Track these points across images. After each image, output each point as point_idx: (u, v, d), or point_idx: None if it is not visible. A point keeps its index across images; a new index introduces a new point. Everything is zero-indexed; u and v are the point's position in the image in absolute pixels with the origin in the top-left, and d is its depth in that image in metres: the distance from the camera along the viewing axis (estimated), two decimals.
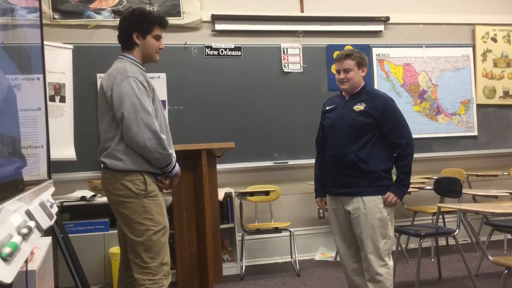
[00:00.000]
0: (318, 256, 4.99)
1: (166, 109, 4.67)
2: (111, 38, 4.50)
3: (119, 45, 2.66)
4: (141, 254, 2.44)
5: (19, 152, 1.85)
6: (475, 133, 5.57)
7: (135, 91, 2.41)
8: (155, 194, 2.51)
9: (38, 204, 1.61)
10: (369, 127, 2.88)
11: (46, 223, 1.60)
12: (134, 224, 2.45)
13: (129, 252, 2.51)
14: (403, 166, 2.89)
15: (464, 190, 3.99)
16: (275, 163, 5.01)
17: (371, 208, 2.84)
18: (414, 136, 2.97)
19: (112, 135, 2.48)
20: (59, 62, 4.32)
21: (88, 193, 4.19)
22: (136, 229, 2.45)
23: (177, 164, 2.61)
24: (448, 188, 4.08)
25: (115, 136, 2.47)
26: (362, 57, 2.99)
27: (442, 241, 5.17)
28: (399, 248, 4.35)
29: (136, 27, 2.57)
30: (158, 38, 2.63)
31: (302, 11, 5.22)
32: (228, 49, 4.98)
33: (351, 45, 5.09)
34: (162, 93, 4.58)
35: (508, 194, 4.28)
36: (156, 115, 2.49)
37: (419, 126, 5.35)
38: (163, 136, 2.47)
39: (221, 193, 4.27)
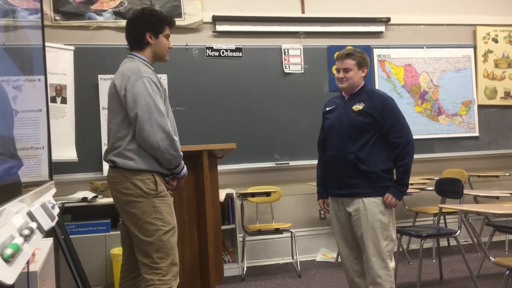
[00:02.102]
0: (319, 257, 4.98)
1: None
2: (112, 39, 4.53)
3: (121, 46, 2.67)
4: (151, 254, 2.42)
5: (13, 152, 1.84)
6: (476, 134, 5.57)
7: (149, 92, 2.41)
8: (164, 194, 2.51)
9: (40, 205, 1.62)
10: (368, 126, 2.87)
11: (47, 224, 1.60)
12: (144, 224, 2.44)
13: (137, 252, 2.49)
14: (402, 165, 2.86)
15: (465, 191, 3.98)
16: (276, 164, 5.01)
17: (372, 209, 2.83)
18: (415, 137, 2.96)
19: (123, 135, 2.46)
20: (61, 64, 4.33)
21: (89, 194, 4.19)
22: (146, 229, 2.43)
23: (185, 166, 2.61)
24: (449, 189, 4.07)
25: (127, 136, 2.46)
26: (363, 57, 2.98)
27: (443, 242, 5.16)
28: (401, 249, 4.35)
29: (149, 26, 2.56)
30: (168, 37, 2.64)
31: (303, 12, 5.23)
32: (229, 50, 4.98)
33: (352, 46, 5.06)
34: None
35: (510, 194, 4.27)
36: (167, 116, 2.49)
37: (420, 127, 5.34)
38: (176, 138, 2.48)
39: (222, 194, 4.27)
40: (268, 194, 4.51)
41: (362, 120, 2.87)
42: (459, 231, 3.90)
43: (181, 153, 2.53)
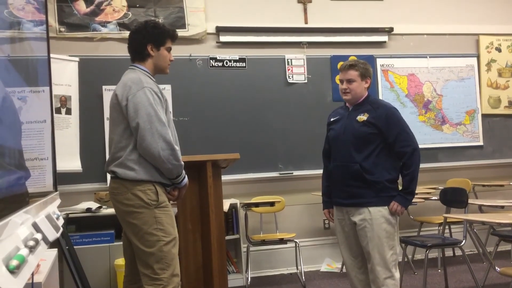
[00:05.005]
0: (324, 267, 4.96)
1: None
2: (116, 50, 4.56)
3: (125, 57, 2.69)
4: (152, 265, 2.42)
5: (21, 163, 1.85)
6: (481, 143, 5.56)
7: (150, 102, 2.43)
8: (166, 205, 2.51)
9: (45, 216, 1.62)
10: (372, 137, 2.87)
11: (52, 235, 1.60)
12: (145, 234, 2.44)
13: (139, 263, 2.49)
14: (408, 174, 2.86)
15: (470, 200, 3.97)
16: (280, 173, 5.01)
17: (377, 219, 2.82)
18: (419, 146, 2.95)
19: (125, 145, 2.48)
20: (65, 75, 4.36)
21: (93, 205, 4.19)
22: (147, 240, 2.44)
23: (186, 176, 2.62)
24: (454, 198, 4.06)
25: (128, 146, 2.47)
26: (366, 68, 2.99)
27: (448, 252, 5.13)
28: (405, 259, 4.33)
29: (150, 38, 2.60)
30: (169, 50, 2.67)
31: (306, 22, 5.25)
32: (232, 61, 5.00)
33: (355, 55, 5.10)
34: None
35: None
36: (168, 126, 2.50)
37: (424, 136, 5.34)
38: (177, 147, 2.49)
39: (226, 204, 4.27)
40: (272, 204, 4.51)
41: (367, 130, 2.87)
42: (464, 241, 3.89)
43: (182, 162, 2.53)
